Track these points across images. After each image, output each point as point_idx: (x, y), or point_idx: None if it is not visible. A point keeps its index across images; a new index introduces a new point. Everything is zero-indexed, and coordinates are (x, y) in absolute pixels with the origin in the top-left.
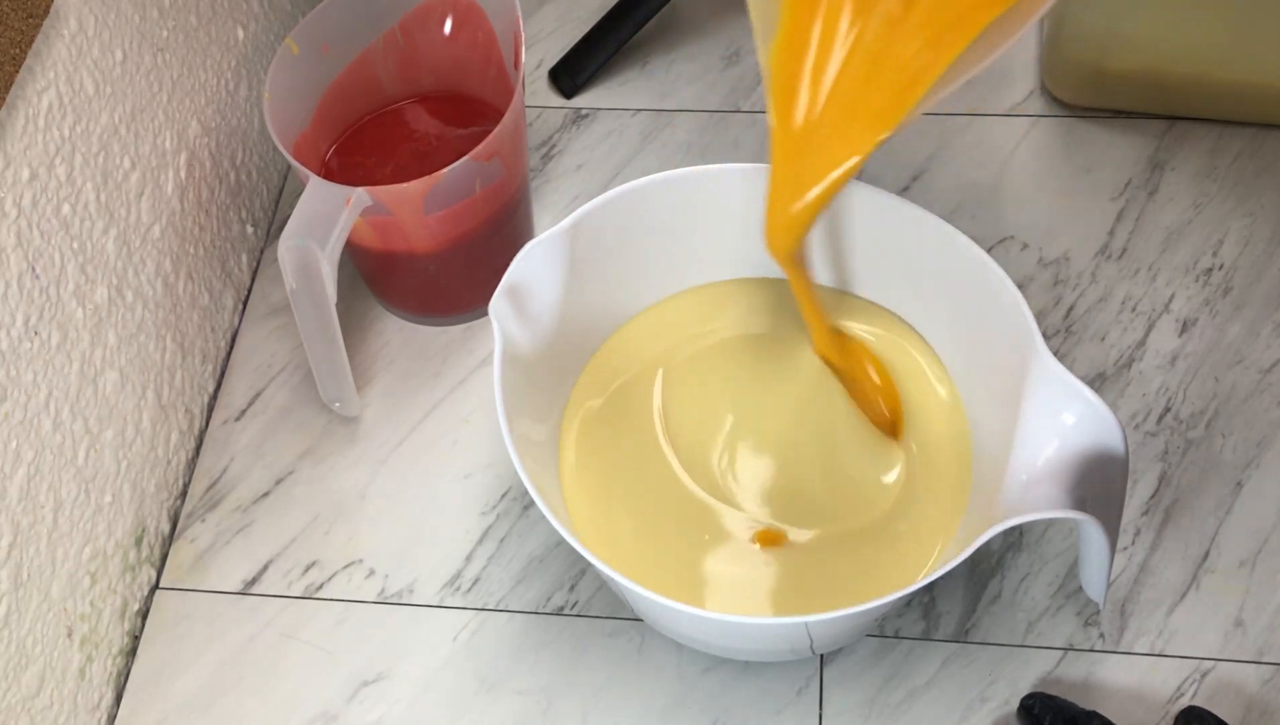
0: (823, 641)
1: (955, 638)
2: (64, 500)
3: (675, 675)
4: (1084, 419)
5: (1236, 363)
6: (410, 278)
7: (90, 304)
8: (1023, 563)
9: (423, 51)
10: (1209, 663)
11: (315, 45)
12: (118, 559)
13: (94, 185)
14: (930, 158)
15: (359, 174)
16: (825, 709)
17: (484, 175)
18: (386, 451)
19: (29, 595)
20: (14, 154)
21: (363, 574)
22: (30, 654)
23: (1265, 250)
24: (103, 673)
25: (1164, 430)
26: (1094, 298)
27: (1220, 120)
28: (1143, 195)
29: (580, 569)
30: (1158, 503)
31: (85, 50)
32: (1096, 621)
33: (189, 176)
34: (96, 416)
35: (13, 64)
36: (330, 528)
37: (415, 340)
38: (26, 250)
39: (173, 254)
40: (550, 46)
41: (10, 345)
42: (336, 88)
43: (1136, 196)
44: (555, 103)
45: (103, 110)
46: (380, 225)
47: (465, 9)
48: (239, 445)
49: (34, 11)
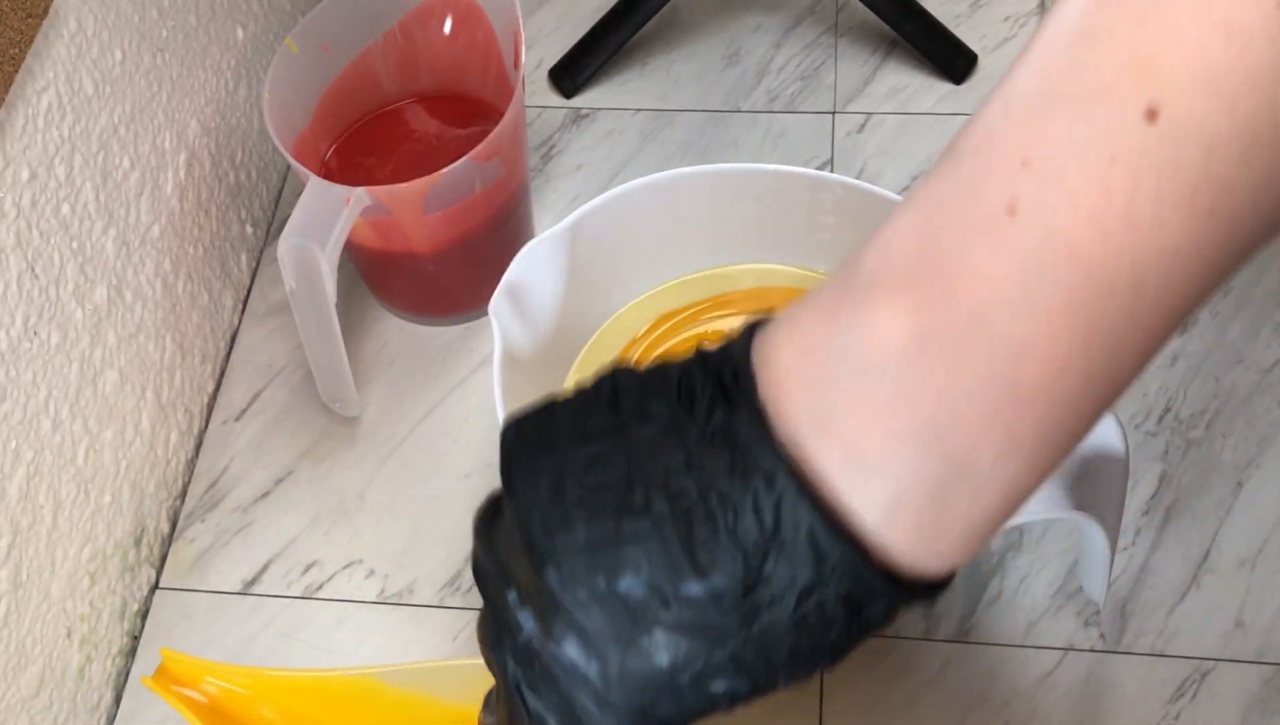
0: None
1: (955, 638)
2: (63, 500)
3: None
4: None
5: (1237, 363)
6: (410, 277)
7: (89, 304)
8: (1023, 563)
9: (422, 51)
10: (1209, 663)
11: (315, 45)
12: (117, 559)
13: (93, 185)
14: (930, 158)
15: (359, 174)
16: (825, 709)
17: (484, 175)
18: (386, 451)
19: (28, 595)
20: (13, 154)
21: (362, 574)
22: (30, 654)
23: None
24: (102, 673)
25: (1164, 430)
26: None
27: None
28: None
29: None
30: (1158, 502)
31: (85, 50)
32: (1097, 621)
33: (188, 176)
34: (96, 417)
35: (12, 64)
36: (330, 528)
37: (415, 340)
38: (26, 250)
39: (172, 254)
40: (550, 46)
41: (10, 345)
42: (336, 87)
43: None
44: (555, 103)
45: (102, 110)
46: (380, 225)
47: (465, 9)
48: (238, 445)
49: (33, 11)
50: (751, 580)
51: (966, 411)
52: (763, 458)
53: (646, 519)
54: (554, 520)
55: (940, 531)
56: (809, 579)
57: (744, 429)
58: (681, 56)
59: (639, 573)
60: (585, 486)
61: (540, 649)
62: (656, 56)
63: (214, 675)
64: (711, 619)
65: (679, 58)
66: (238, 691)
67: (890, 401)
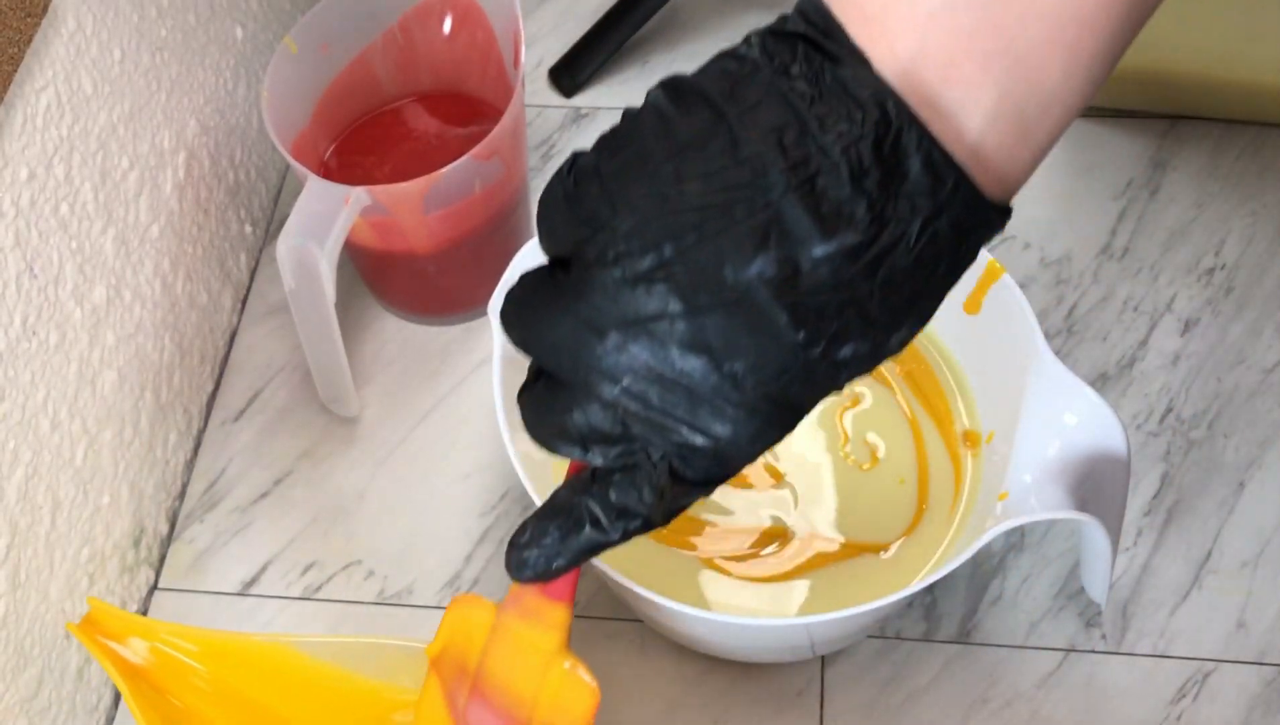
0: (823, 643)
1: (957, 639)
2: (62, 501)
3: (675, 676)
4: (1086, 419)
5: (1239, 363)
6: (409, 277)
7: (88, 304)
8: (1024, 563)
9: (422, 50)
10: (1211, 664)
11: (314, 44)
12: (116, 560)
13: (92, 185)
14: None
15: (358, 173)
16: (826, 710)
17: (484, 175)
18: (386, 452)
19: (27, 596)
20: (12, 153)
21: (362, 575)
22: (29, 655)
23: (1267, 250)
24: (101, 674)
25: (1166, 430)
26: (1096, 297)
27: (1222, 119)
28: (1144, 195)
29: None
30: (1160, 503)
31: (84, 49)
32: (1098, 622)
33: (187, 176)
34: (94, 417)
35: (11, 63)
36: (329, 528)
37: (415, 340)
38: (24, 250)
39: (171, 254)
40: (550, 45)
41: (8, 345)
42: (335, 87)
43: (1138, 196)
44: (555, 102)
45: (101, 109)
46: (379, 225)
47: (465, 8)
48: (237, 445)
49: (32, 10)
50: (877, 226)
51: (1039, 34)
52: (876, 97)
53: (764, 197)
54: (661, 232)
55: (1021, 146)
56: (928, 209)
57: (850, 76)
58: (681, 56)
59: (765, 250)
60: (701, 191)
61: (662, 364)
62: (656, 56)
63: (139, 634)
64: (843, 276)
65: (679, 57)
66: (167, 653)
67: (977, 28)
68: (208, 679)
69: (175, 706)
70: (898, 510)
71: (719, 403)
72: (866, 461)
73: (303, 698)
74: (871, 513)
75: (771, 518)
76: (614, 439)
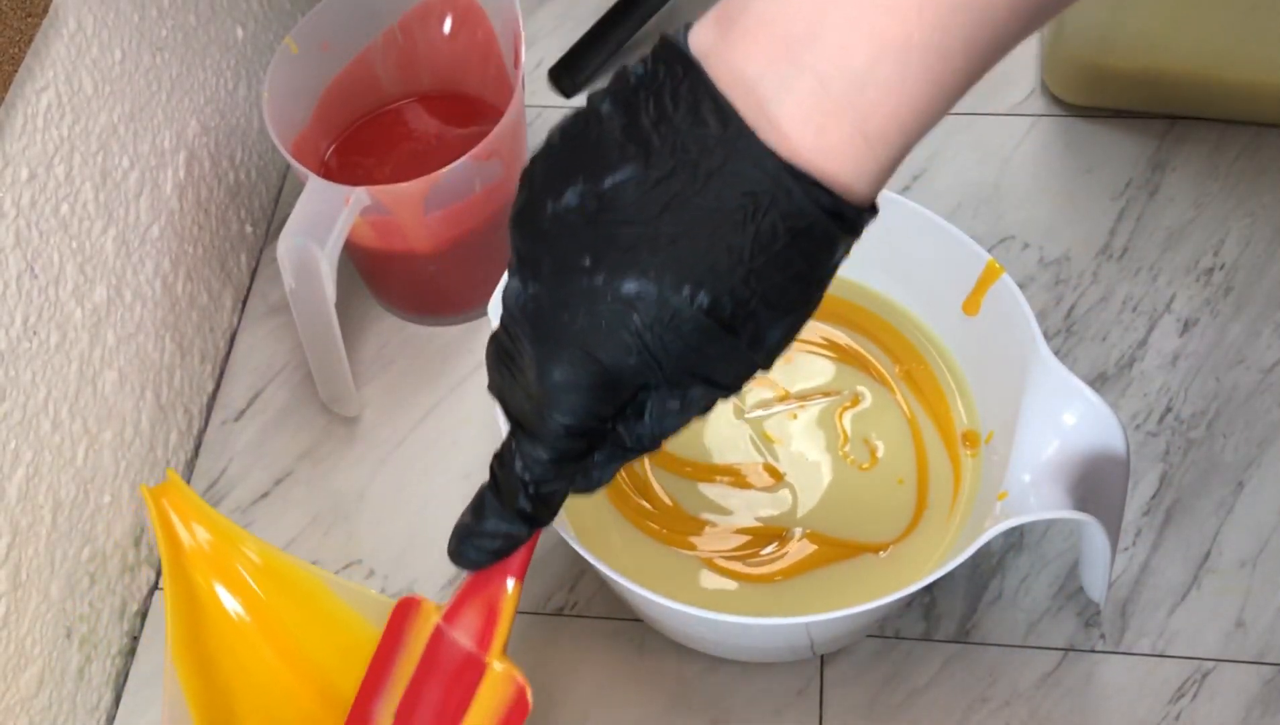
0: (823, 642)
1: (956, 638)
2: (63, 501)
3: (675, 675)
4: (1085, 419)
5: (1238, 363)
6: (409, 277)
7: (89, 304)
8: (1023, 563)
9: (422, 51)
10: (1210, 663)
11: (315, 44)
12: (116, 559)
13: (93, 185)
14: (931, 157)
15: (358, 173)
16: (825, 710)
17: (484, 175)
18: (386, 452)
19: (28, 596)
20: (12, 153)
21: (362, 574)
22: (29, 654)
23: (1266, 250)
24: (102, 673)
25: (1165, 430)
26: (1095, 297)
27: (1221, 119)
28: (1143, 195)
29: (580, 569)
30: (1159, 503)
31: (84, 49)
32: (1097, 622)
33: (188, 176)
34: (95, 417)
35: (11, 63)
36: (329, 528)
37: (414, 340)
38: (25, 250)
39: (171, 253)
40: (550, 46)
41: (9, 345)
42: (336, 87)
43: (1137, 196)
44: (555, 102)
45: (101, 110)
46: (379, 225)
47: (465, 8)
48: (238, 445)
49: (33, 10)
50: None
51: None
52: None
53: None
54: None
55: (862, 121)
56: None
57: (686, 81)
58: None
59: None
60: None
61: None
62: None
63: (205, 524)
64: (634, 201)
65: None
66: (226, 552)
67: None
68: (254, 598)
69: (208, 613)
70: (897, 510)
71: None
72: (866, 461)
73: (334, 644)
74: (871, 512)
75: (771, 517)
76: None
